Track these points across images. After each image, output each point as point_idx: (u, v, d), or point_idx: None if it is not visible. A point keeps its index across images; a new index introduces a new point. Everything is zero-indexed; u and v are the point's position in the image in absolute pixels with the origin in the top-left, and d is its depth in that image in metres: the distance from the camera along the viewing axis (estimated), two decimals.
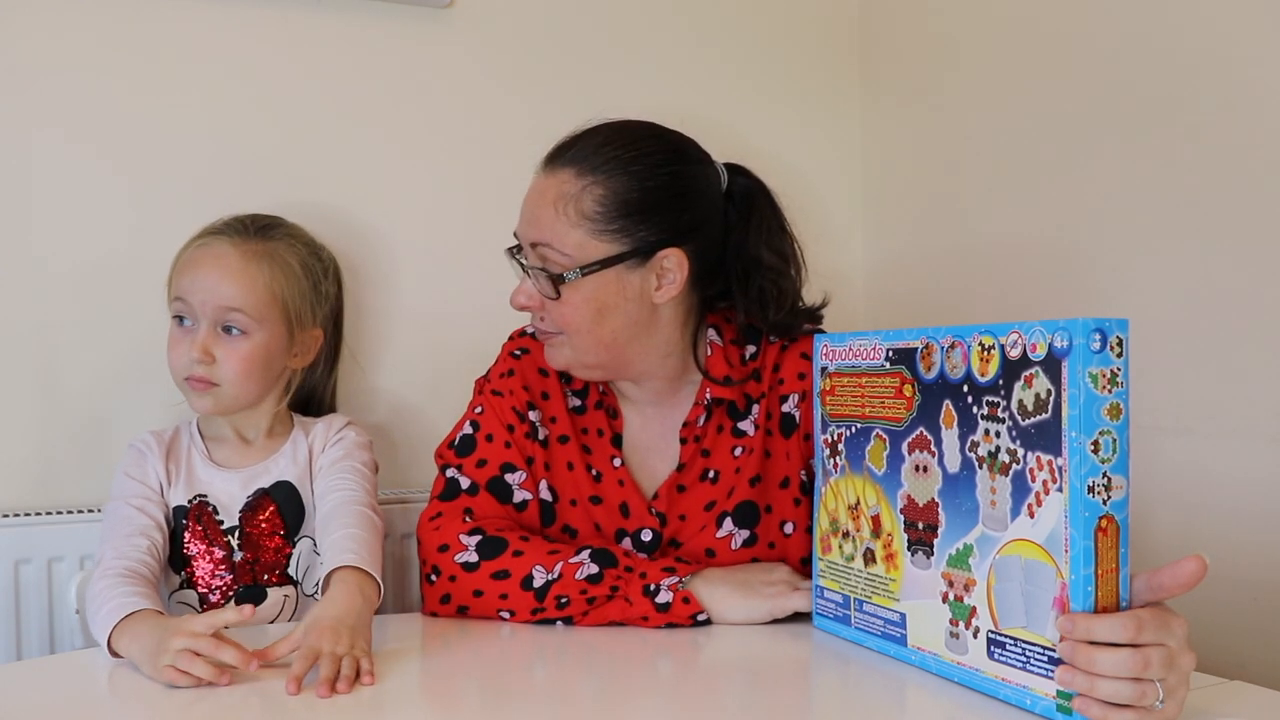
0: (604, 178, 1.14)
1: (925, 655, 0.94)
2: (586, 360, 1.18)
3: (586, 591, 1.11)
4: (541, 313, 1.18)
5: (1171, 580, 0.79)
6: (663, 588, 1.10)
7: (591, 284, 1.14)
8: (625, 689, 0.96)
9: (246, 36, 1.50)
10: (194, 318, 1.21)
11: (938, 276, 1.73)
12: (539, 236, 1.15)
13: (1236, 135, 1.27)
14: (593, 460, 1.23)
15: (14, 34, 1.40)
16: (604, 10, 1.72)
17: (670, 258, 1.15)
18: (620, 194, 1.14)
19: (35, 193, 1.41)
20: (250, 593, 1.23)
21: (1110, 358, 0.78)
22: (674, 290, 1.17)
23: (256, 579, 1.24)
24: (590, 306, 1.14)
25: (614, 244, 1.14)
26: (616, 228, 1.14)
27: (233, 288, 1.21)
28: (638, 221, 1.14)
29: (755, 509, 1.21)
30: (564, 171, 1.15)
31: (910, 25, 1.79)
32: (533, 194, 1.18)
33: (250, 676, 0.95)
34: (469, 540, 1.15)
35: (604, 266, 1.13)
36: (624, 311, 1.16)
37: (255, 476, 1.26)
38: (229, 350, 1.21)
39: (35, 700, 0.92)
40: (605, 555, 1.13)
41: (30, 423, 1.40)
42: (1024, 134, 1.55)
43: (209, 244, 1.25)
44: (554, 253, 1.14)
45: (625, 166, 1.15)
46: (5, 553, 1.33)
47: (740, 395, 1.23)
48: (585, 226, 1.13)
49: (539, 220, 1.15)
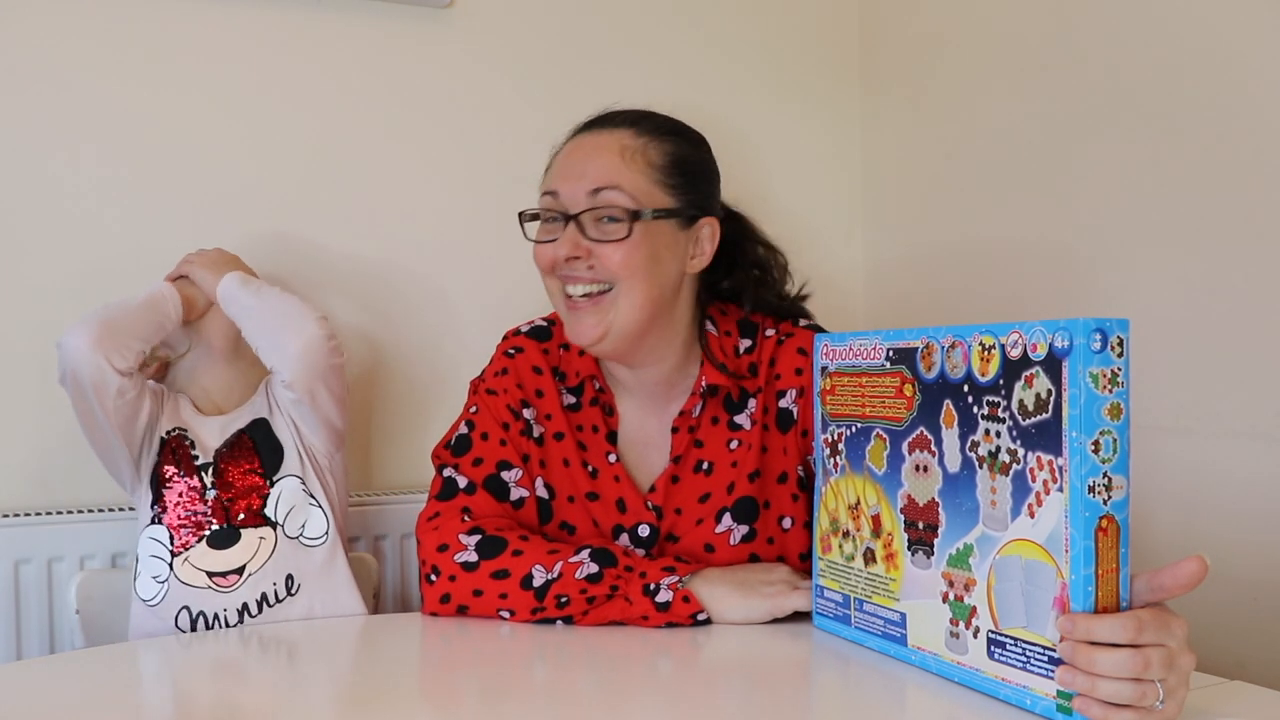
0: (660, 139, 1.20)
1: (925, 655, 0.94)
2: (628, 320, 1.16)
3: (586, 591, 1.11)
4: (589, 261, 1.16)
5: (1172, 581, 0.79)
6: (662, 587, 1.10)
7: (655, 229, 1.17)
8: (625, 688, 0.96)
9: (246, 37, 1.51)
10: None
11: (938, 276, 1.73)
12: (607, 179, 1.16)
13: (1237, 135, 1.27)
14: (588, 457, 1.23)
15: (14, 36, 1.40)
16: (604, 11, 1.72)
17: (707, 227, 1.21)
18: (677, 154, 1.20)
19: (35, 193, 1.41)
20: (223, 534, 1.23)
21: (1111, 358, 0.78)
22: (704, 262, 1.21)
23: (230, 519, 1.23)
24: (647, 251, 1.16)
25: (672, 198, 1.18)
26: (674, 183, 1.18)
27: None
28: (690, 183, 1.20)
29: (754, 504, 1.21)
30: (620, 130, 1.19)
31: (910, 25, 1.79)
32: (585, 147, 1.19)
33: (252, 675, 0.95)
34: (468, 540, 1.15)
35: (668, 216, 1.17)
36: (668, 270, 1.19)
37: (233, 420, 1.29)
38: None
39: (35, 700, 0.92)
40: (605, 555, 1.13)
41: (30, 423, 1.40)
42: (1024, 134, 1.55)
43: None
44: (622, 195, 1.15)
45: (675, 132, 1.22)
46: (5, 553, 1.33)
47: (736, 386, 1.23)
48: (650, 175, 1.17)
49: (605, 166, 1.16)
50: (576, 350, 1.25)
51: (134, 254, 1.44)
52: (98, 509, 1.39)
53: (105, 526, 1.38)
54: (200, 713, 0.90)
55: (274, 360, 1.26)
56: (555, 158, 1.23)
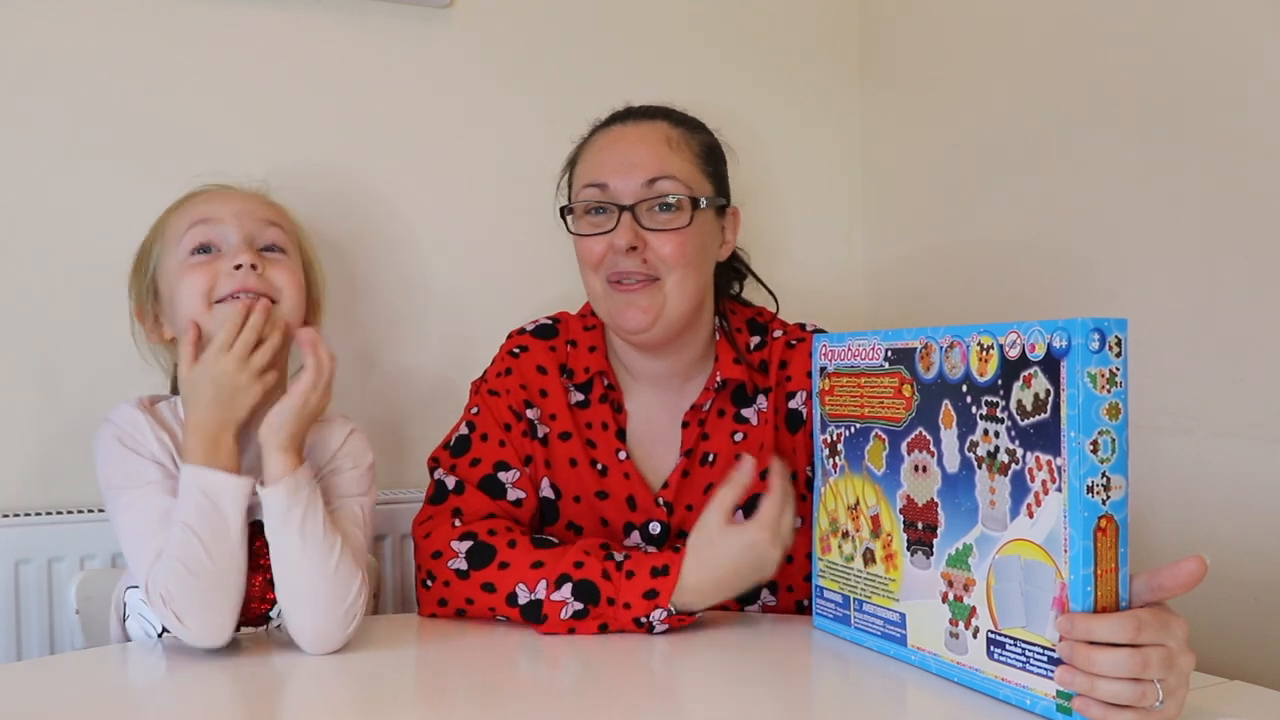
0: (693, 131, 1.23)
1: (925, 655, 0.94)
2: (680, 306, 1.18)
3: (575, 630, 1.08)
4: (644, 253, 1.16)
5: (1171, 580, 0.79)
6: (655, 623, 1.06)
7: (706, 218, 1.20)
8: (624, 689, 0.96)
9: (246, 37, 1.51)
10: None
11: (938, 276, 1.73)
12: (661, 169, 1.17)
13: (1237, 135, 1.27)
14: (597, 455, 1.23)
15: (15, 33, 1.40)
16: (604, 10, 1.72)
17: (736, 215, 1.26)
18: (709, 143, 1.24)
19: (35, 192, 1.41)
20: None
21: (1109, 357, 0.78)
22: (729, 250, 1.26)
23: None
24: (698, 241, 1.18)
25: (713, 187, 1.22)
26: (713, 171, 1.22)
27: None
28: (721, 171, 1.25)
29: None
30: (659, 121, 1.21)
31: (910, 24, 1.79)
32: (629, 139, 1.20)
33: (251, 676, 0.95)
34: (460, 546, 1.14)
35: (713, 204, 1.21)
36: (711, 258, 1.23)
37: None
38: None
39: (35, 700, 0.92)
40: (586, 588, 1.07)
41: (30, 423, 1.40)
42: (1024, 133, 1.55)
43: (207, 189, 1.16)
44: (678, 184, 1.17)
45: (701, 129, 1.25)
46: (5, 553, 1.33)
47: (751, 380, 1.24)
48: (697, 164, 1.20)
49: (658, 155, 1.17)
50: (585, 346, 1.25)
51: (135, 253, 1.44)
52: (98, 509, 1.38)
53: (105, 526, 1.35)
54: (199, 712, 0.90)
55: (287, 617, 1.04)
56: (586, 151, 1.23)
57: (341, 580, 1.02)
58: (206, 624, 1.00)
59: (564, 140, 1.31)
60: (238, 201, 1.13)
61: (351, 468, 1.13)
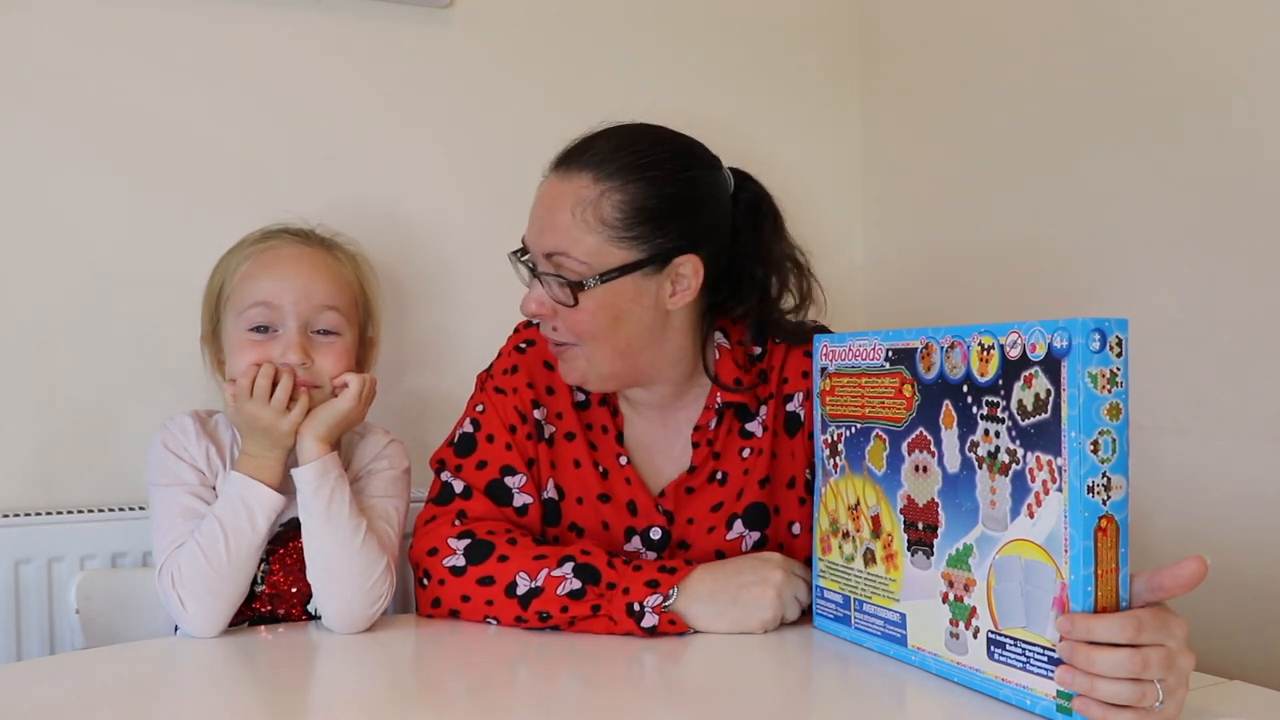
0: (621, 183, 1.11)
1: (925, 655, 0.94)
2: (602, 370, 1.16)
3: (568, 609, 1.08)
4: (554, 321, 1.15)
5: (1172, 581, 0.79)
6: (647, 610, 1.06)
7: (609, 291, 1.11)
8: (622, 689, 0.96)
9: (246, 37, 1.50)
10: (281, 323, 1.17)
11: (938, 276, 1.73)
12: (556, 245, 1.11)
13: (1236, 136, 1.27)
14: (599, 457, 1.22)
15: (16, 36, 1.40)
16: (604, 12, 1.72)
17: (686, 264, 1.14)
18: (638, 201, 1.11)
19: (36, 193, 1.41)
20: (262, 618, 1.16)
21: (1110, 357, 0.78)
22: (688, 296, 1.15)
23: (274, 611, 1.16)
24: (606, 314, 1.12)
25: (632, 251, 1.11)
26: (635, 234, 1.11)
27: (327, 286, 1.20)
28: (655, 229, 1.12)
29: (765, 510, 1.20)
30: (580, 176, 1.12)
31: (911, 26, 1.79)
32: (546, 199, 1.15)
33: (250, 677, 0.95)
34: (457, 544, 1.14)
35: (622, 274, 1.11)
36: (639, 318, 1.14)
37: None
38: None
39: (35, 700, 0.92)
40: (588, 570, 1.09)
41: (30, 423, 1.40)
42: (1024, 134, 1.55)
43: (280, 247, 1.23)
44: (572, 260, 1.11)
45: (643, 172, 1.12)
46: (5, 553, 1.33)
47: (751, 397, 1.21)
48: (604, 233, 1.10)
49: (555, 226, 1.12)
50: None
51: (134, 254, 1.44)
52: (98, 509, 1.39)
53: (105, 526, 1.37)
54: (199, 712, 0.90)
55: (316, 596, 1.15)
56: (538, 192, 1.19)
57: (366, 559, 1.12)
58: (206, 611, 1.09)
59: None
60: (300, 285, 1.19)
61: (387, 468, 1.23)
